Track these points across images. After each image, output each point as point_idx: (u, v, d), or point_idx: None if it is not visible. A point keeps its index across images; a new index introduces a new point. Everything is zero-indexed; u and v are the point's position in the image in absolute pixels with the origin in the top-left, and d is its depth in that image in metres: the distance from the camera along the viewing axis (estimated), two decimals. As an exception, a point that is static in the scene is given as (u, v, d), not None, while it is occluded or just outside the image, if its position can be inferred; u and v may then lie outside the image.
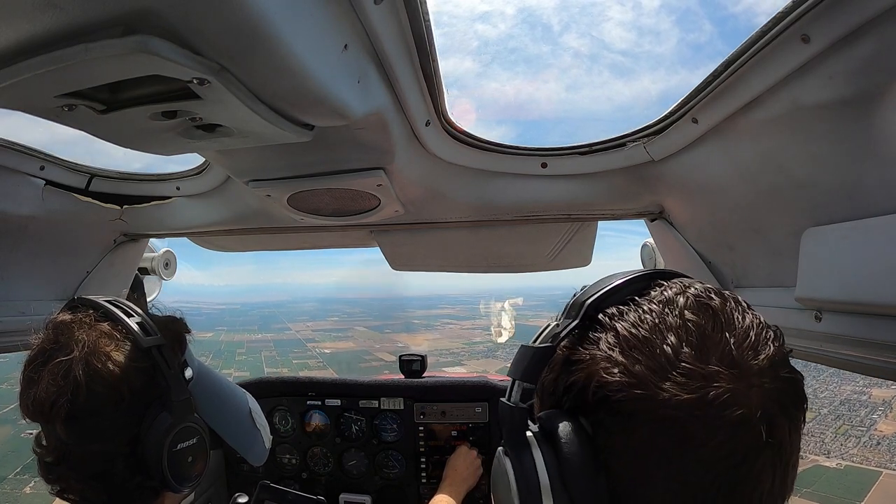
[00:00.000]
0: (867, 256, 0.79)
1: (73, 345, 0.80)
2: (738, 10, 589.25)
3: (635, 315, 0.53)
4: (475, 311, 76.40)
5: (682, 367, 0.48)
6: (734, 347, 0.49)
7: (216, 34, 0.63)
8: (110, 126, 0.82)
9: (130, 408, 0.81)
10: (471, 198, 1.44)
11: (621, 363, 0.50)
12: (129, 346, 0.83)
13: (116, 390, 0.79)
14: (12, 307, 1.45)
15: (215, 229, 1.72)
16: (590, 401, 0.52)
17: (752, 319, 0.52)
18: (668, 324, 0.51)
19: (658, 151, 1.21)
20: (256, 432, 1.06)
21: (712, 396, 0.46)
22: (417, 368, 2.14)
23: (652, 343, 0.50)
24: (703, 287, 0.55)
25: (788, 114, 0.84)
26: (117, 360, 0.81)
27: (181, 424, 0.84)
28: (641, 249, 1.90)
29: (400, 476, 2.07)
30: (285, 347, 68.56)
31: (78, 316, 0.86)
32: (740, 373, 0.48)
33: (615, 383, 0.49)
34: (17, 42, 0.60)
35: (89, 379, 0.78)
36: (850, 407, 28.16)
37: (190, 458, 0.86)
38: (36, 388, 0.80)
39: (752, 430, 0.47)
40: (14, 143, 1.32)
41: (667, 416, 0.47)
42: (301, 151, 1.12)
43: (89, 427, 0.79)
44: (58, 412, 0.77)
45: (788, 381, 0.51)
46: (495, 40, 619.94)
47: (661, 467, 0.48)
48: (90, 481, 0.81)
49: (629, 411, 0.49)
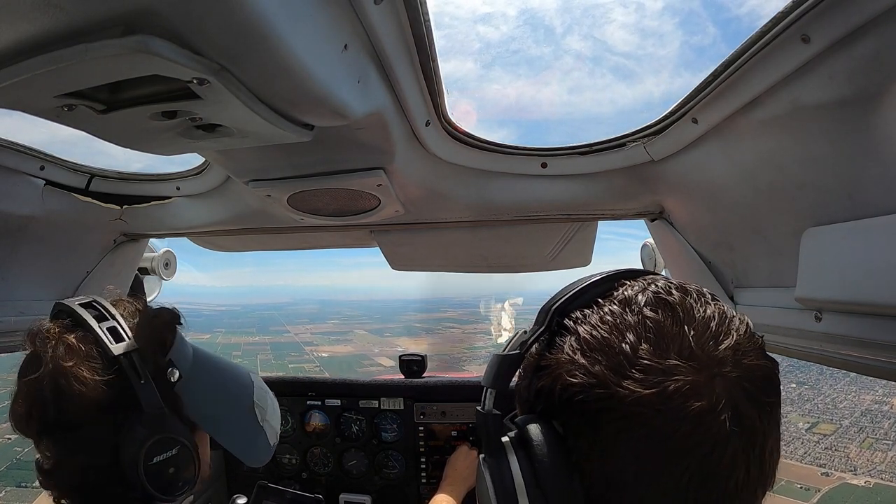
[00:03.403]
0: (867, 256, 0.79)
1: (42, 360, 0.79)
2: (742, 13, 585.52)
3: (597, 317, 0.54)
4: (477, 315, 76.38)
5: (641, 363, 0.49)
6: (693, 340, 0.50)
7: (216, 34, 0.63)
8: (110, 126, 0.82)
9: (104, 421, 0.79)
10: (471, 198, 1.44)
11: (582, 365, 0.51)
12: (96, 357, 0.80)
13: (84, 408, 0.77)
14: (12, 307, 1.45)
15: (215, 229, 1.72)
16: (557, 404, 0.53)
17: (713, 310, 0.53)
18: (627, 322, 0.52)
19: (658, 151, 1.21)
20: (258, 430, 0.98)
21: (672, 390, 0.47)
22: (417, 369, 2.14)
23: (611, 343, 0.51)
24: (665, 283, 0.56)
25: (788, 114, 0.84)
26: (81, 377, 0.78)
27: (154, 437, 0.79)
28: (641, 249, 1.90)
29: (400, 476, 2.07)
30: (282, 350, 68.32)
31: (52, 325, 0.84)
32: (700, 364, 0.49)
33: (577, 385, 0.51)
34: (17, 42, 0.60)
35: (56, 397, 0.77)
36: (873, 418, 27.22)
37: (171, 469, 0.81)
38: (15, 405, 0.80)
39: (717, 419, 0.47)
40: (14, 143, 1.32)
41: (629, 412, 0.48)
42: (301, 151, 1.12)
43: (66, 441, 0.79)
44: (31, 427, 0.79)
45: (753, 368, 0.51)
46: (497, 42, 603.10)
47: (631, 464, 0.49)
48: (74, 492, 0.80)
49: (593, 411, 0.50)
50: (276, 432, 1.03)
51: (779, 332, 1.06)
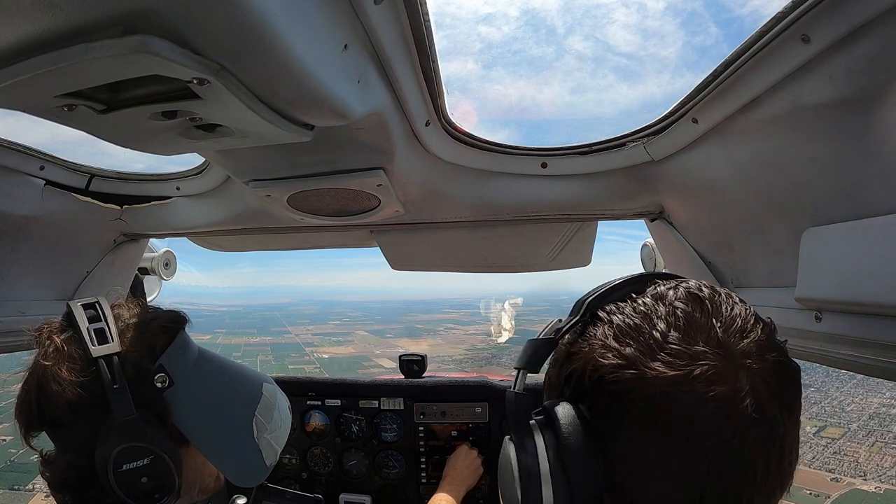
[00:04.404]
0: (867, 256, 0.79)
1: (35, 359, 0.83)
2: (745, 13, 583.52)
3: (630, 308, 0.57)
4: (478, 316, 76.32)
5: (670, 348, 0.51)
6: (720, 331, 0.53)
7: (216, 34, 0.63)
8: (110, 126, 0.82)
9: (81, 423, 0.79)
10: (471, 198, 1.45)
11: (614, 348, 0.54)
12: (76, 358, 0.80)
13: (60, 408, 0.78)
14: (12, 307, 1.45)
15: (215, 229, 1.72)
16: (587, 386, 0.55)
17: (740, 309, 0.56)
18: (659, 313, 0.55)
19: (658, 151, 1.21)
20: (251, 447, 0.92)
21: (698, 373, 0.49)
22: (417, 368, 2.14)
23: (642, 329, 0.54)
24: (696, 283, 0.59)
25: (788, 114, 0.84)
26: (61, 379, 0.78)
27: (123, 445, 0.77)
28: (641, 249, 1.90)
29: (400, 476, 2.07)
30: (282, 351, 68.26)
31: (49, 325, 0.86)
32: (726, 353, 0.51)
33: (609, 366, 0.53)
34: (17, 42, 0.60)
35: (39, 395, 0.79)
36: (881, 421, 27.11)
37: (144, 479, 0.79)
38: (18, 395, 0.83)
39: (739, 406, 0.49)
40: (14, 143, 1.32)
41: (656, 393, 0.50)
42: (301, 151, 1.12)
43: (56, 437, 0.82)
44: (21, 422, 0.82)
45: (776, 364, 0.53)
46: (499, 42, 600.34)
47: (654, 445, 0.51)
48: (62, 488, 0.83)
49: (621, 391, 0.52)
50: (276, 452, 0.97)
51: (779, 332, 1.05)
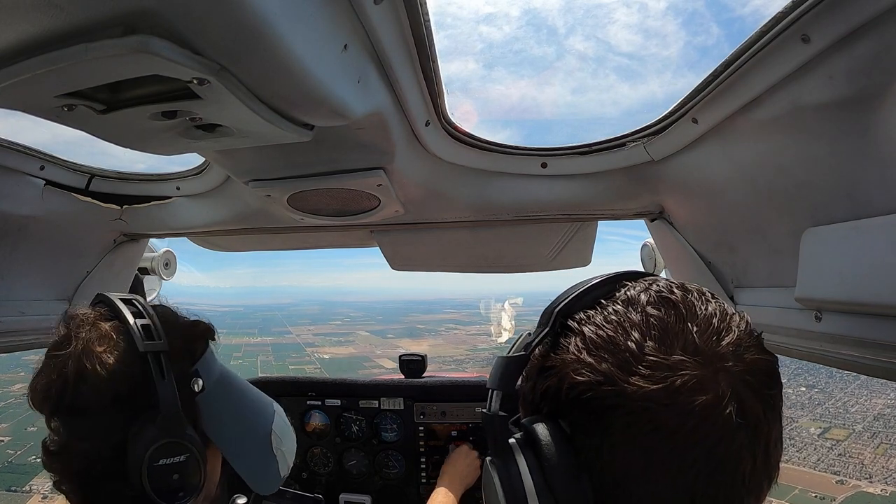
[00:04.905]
0: (867, 256, 0.79)
1: (72, 341, 0.80)
2: (746, 12, 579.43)
3: (601, 317, 0.55)
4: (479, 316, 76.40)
5: (647, 359, 0.50)
6: (697, 336, 0.51)
7: (216, 34, 0.63)
8: (110, 126, 0.82)
9: (116, 412, 0.79)
10: (471, 198, 1.45)
11: (589, 363, 0.52)
12: (125, 348, 0.80)
13: (100, 393, 0.78)
14: (12, 307, 1.45)
15: (215, 229, 1.72)
16: (564, 403, 0.53)
17: (714, 308, 0.54)
18: (632, 321, 0.53)
19: (658, 151, 1.21)
20: (271, 457, 0.97)
21: (679, 385, 0.48)
22: (417, 369, 2.14)
23: (616, 341, 0.52)
24: (666, 283, 0.57)
25: (788, 114, 0.84)
26: (106, 363, 0.78)
27: (165, 439, 0.79)
28: (641, 249, 1.90)
29: (400, 476, 2.07)
30: (283, 352, 68.17)
31: (89, 312, 0.85)
32: (705, 359, 0.50)
33: (584, 383, 0.51)
34: (17, 42, 0.60)
35: (77, 378, 0.77)
36: (886, 423, 26.83)
37: (175, 476, 0.80)
38: (37, 379, 0.81)
39: (723, 412, 0.48)
40: (14, 143, 1.32)
41: (637, 408, 0.49)
42: (301, 151, 1.12)
43: (76, 424, 0.79)
44: (46, 405, 0.79)
45: (755, 363, 0.52)
46: (500, 42, 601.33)
47: (639, 459, 0.50)
48: (73, 477, 0.81)
49: (601, 408, 0.50)
50: (289, 465, 1.01)
51: (779, 332, 1.05)
